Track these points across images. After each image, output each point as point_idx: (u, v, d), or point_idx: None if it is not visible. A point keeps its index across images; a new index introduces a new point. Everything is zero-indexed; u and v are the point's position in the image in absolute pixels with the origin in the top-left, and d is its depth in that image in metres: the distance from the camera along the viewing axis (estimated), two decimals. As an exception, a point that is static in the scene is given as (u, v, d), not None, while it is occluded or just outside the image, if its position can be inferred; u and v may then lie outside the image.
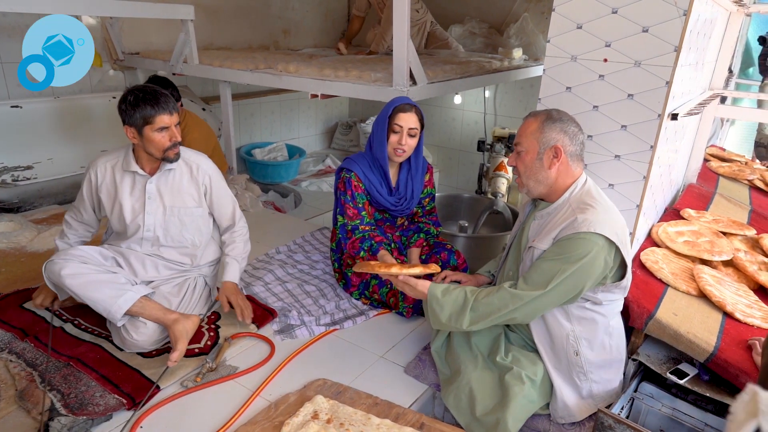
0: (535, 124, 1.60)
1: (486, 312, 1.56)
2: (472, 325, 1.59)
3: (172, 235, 2.01)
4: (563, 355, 1.60)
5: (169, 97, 1.85)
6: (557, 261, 1.50)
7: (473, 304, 1.58)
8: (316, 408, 1.64)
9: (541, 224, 1.64)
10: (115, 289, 1.78)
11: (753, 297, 1.92)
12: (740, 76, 5.32)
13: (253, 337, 2.04)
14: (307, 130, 5.34)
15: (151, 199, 1.95)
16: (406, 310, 2.17)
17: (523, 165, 1.63)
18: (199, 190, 2.02)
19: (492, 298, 1.56)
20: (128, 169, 1.93)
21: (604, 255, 1.49)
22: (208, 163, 2.06)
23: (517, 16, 4.39)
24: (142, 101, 1.79)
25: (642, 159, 1.83)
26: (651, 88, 1.75)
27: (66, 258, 1.81)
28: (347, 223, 2.19)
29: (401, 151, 2.15)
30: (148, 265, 1.99)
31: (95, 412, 1.55)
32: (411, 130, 2.13)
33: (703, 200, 2.76)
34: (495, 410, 1.54)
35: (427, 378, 1.85)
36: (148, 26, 3.71)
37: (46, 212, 3.02)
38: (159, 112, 1.80)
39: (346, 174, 2.21)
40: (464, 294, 1.61)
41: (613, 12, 1.76)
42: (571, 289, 1.51)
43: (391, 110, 2.12)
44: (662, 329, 1.69)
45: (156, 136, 1.83)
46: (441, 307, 1.61)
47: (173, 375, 1.77)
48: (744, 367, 1.55)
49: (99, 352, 1.83)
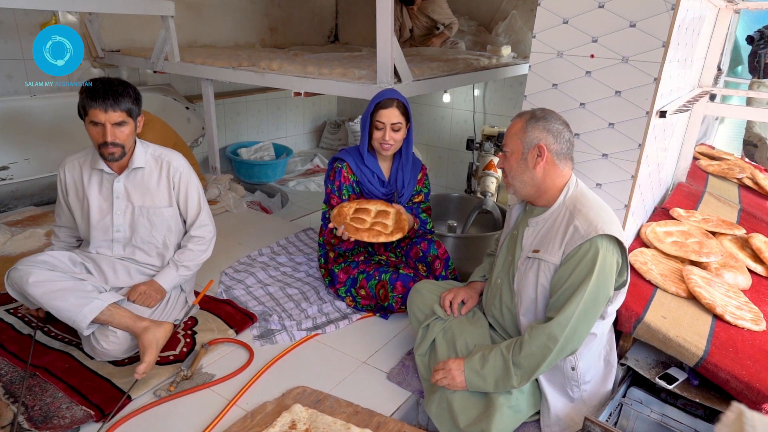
0: (519, 124, 1.56)
1: (533, 364, 1.46)
2: (524, 381, 1.48)
3: (142, 236, 1.94)
4: (558, 371, 1.55)
5: (117, 94, 1.72)
6: (575, 275, 1.44)
7: (515, 362, 1.47)
8: (294, 418, 1.57)
9: (538, 231, 1.58)
10: (81, 297, 1.69)
11: (743, 298, 1.88)
12: (729, 74, 5.32)
13: (231, 343, 1.97)
14: (294, 129, 5.26)
15: (119, 199, 1.89)
16: (395, 300, 2.10)
17: (509, 166, 1.59)
18: (169, 188, 1.95)
19: (531, 348, 1.45)
20: (95, 167, 1.87)
21: (615, 254, 1.47)
22: (180, 160, 1.98)
23: (506, 14, 4.34)
24: (85, 92, 1.72)
25: (630, 158, 1.79)
26: (639, 85, 1.71)
27: (32, 264, 1.74)
28: (329, 211, 2.20)
29: (387, 146, 2.13)
30: (119, 271, 1.92)
31: (60, 425, 1.48)
32: (394, 125, 2.10)
33: (692, 199, 2.72)
34: (479, 421, 1.48)
35: (410, 385, 1.79)
36: (129, 23, 3.63)
37: (21, 214, 2.93)
38: (92, 106, 1.71)
39: (338, 164, 2.21)
40: (501, 355, 1.50)
41: (600, 6, 1.71)
42: (601, 299, 1.46)
43: (373, 107, 2.10)
44: (651, 333, 1.64)
45: (90, 129, 1.77)
46: (484, 380, 1.51)
47: (146, 384, 1.69)
48: (734, 372, 1.50)
49: (68, 361, 1.75)
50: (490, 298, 1.74)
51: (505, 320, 1.67)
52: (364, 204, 2.16)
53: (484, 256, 1.99)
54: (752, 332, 1.70)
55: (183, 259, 1.99)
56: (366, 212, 2.12)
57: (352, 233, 2.00)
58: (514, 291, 1.62)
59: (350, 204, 2.14)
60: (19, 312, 2.02)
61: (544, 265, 1.52)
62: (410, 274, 2.09)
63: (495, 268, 1.73)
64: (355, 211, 2.12)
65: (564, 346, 1.45)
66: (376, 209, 2.15)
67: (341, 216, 2.08)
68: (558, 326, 1.43)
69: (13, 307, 2.06)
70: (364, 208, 2.14)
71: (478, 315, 1.78)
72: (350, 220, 2.07)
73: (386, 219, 2.11)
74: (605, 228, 1.44)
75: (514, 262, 1.63)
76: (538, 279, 1.54)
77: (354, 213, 2.11)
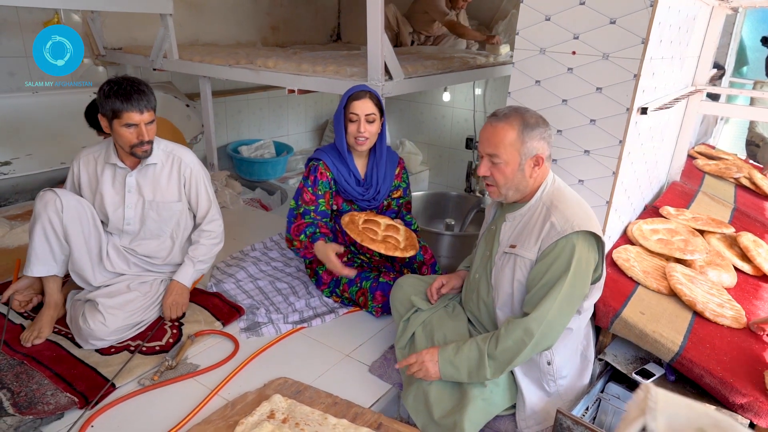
0: (513, 133, 1.49)
1: (508, 358, 1.46)
2: (498, 374, 1.49)
3: (151, 229, 2.00)
4: (534, 366, 1.56)
5: (144, 94, 1.80)
6: (552, 272, 1.45)
7: (490, 354, 1.47)
8: (273, 407, 1.60)
9: (514, 227, 1.59)
10: (49, 254, 1.88)
11: (726, 296, 1.87)
12: (734, 74, 5.26)
13: (217, 335, 2.01)
14: (296, 127, 5.30)
15: (131, 193, 1.94)
16: (375, 309, 2.14)
17: (503, 177, 1.53)
18: (179, 184, 2.01)
19: (507, 343, 1.46)
20: (109, 162, 1.92)
21: (592, 250, 1.48)
22: (191, 156, 2.05)
23: (506, 13, 4.35)
24: (113, 94, 1.76)
25: (611, 154, 1.79)
26: (619, 81, 1.71)
27: (70, 201, 1.87)
28: (300, 206, 2.16)
29: (362, 139, 2.12)
30: (119, 258, 1.99)
31: (44, 411, 1.52)
32: (368, 116, 2.09)
33: (685, 198, 2.71)
34: (452, 413, 1.50)
35: (391, 377, 1.81)
36: (131, 21, 3.68)
37: (21, 208, 2.99)
38: (127, 109, 1.77)
39: (314, 162, 2.20)
40: (476, 347, 1.51)
41: (581, 3, 1.72)
42: (578, 295, 1.47)
43: (346, 100, 2.10)
44: (628, 328, 1.65)
45: (123, 131, 1.81)
46: (457, 369, 1.51)
47: (130, 373, 1.73)
48: (708, 367, 1.51)
49: (55, 350, 1.80)
50: (468, 293, 1.75)
51: (482, 314, 1.68)
52: (373, 216, 2.17)
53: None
54: (732, 329, 1.70)
55: (197, 255, 2.07)
56: (376, 224, 2.13)
57: (368, 243, 1.99)
58: (492, 285, 1.63)
59: (360, 214, 2.16)
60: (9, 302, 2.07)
61: (520, 261, 1.53)
62: (390, 282, 2.10)
63: (473, 263, 1.75)
64: (364, 222, 2.13)
65: (539, 341, 1.46)
66: (385, 223, 2.16)
67: (353, 224, 2.08)
68: (534, 321, 1.44)
69: (6, 297, 2.11)
70: (373, 219, 2.15)
71: (458, 309, 1.80)
72: (362, 229, 2.07)
73: (397, 234, 2.12)
74: (581, 224, 1.45)
75: (491, 257, 1.64)
76: (514, 274, 1.55)
77: (363, 223, 2.12)
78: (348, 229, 2.05)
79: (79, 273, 1.93)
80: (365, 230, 2.07)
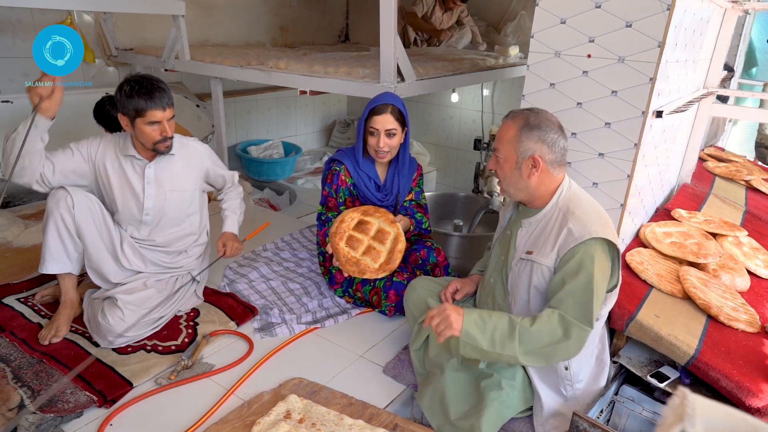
0: (512, 130, 1.51)
1: (536, 342, 1.41)
2: (524, 356, 1.42)
3: (171, 218, 2.03)
4: (552, 370, 1.56)
5: (165, 92, 1.83)
6: (573, 279, 1.43)
7: (522, 330, 1.41)
8: (289, 407, 1.61)
9: (530, 232, 1.58)
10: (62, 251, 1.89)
11: (740, 300, 1.87)
12: (743, 75, 5.24)
13: (232, 335, 2.02)
14: (304, 127, 5.32)
15: (150, 184, 1.96)
16: (388, 308, 2.15)
17: (502, 172, 1.57)
18: (194, 172, 2.06)
19: (542, 326, 1.41)
20: (127, 153, 1.94)
21: (609, 256, 1.48)
22: (197, 143, 2.12)
23: (515, 15, 4.34)
24: (136, 93, 1.78)
25: (626, 157, 1.80)
26: (635, 85, 1.71)
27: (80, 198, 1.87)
28: (325, 213, 2.24)
29: (382, 153, 2.14)
30: (135, 256, 2.01)
31: (64, 409, 1.54)
32: (388, 131, 2.10)
33: (696, 200, 2.71)
34: (469, 415, 1.50)
35: (405, 378, 1.82)
36: (142, 22, 3.70)
37: (35, 208, 3.02)
38: (151, 107, 1.79)
39: (336, 167, 2.22)
40: (508, 318, 1.45)
41: (597, 6, 1.72)
42: (599, 302, 1.46)
43: (367, 113, 2.11)
44: (643, 331, 1.65)
45: (147, 129, 1.83)
46: (482, 331, 1.43)
47: (147, 372, 1.75)
48: (724, 371, 1.51)
49: (74, 349, 1.82)
50: (483, 297, 1.76)
51: (497, 318, 1.69)
52: (369, 216, 2.09)
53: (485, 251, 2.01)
54: (746, 333, 1.70)
55: (233, 207, 2.20)
56: (366, 229, 2.06)
57: (341, 263, 1.99)
58: (507, 290, 1.64)
59: (353, 214, 2.07)
60: (30, 301, 2.09)
61: (537, 267, 1.53)
62: (404, 282, 2.11)
63: (488, 268, 1.75)
64: (356, 225, 2.06)
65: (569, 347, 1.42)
66: (378, 226, 2.07)
67: (340, 232, 2.03)
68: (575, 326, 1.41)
69: (24, 296, 2.13)
70: (367, 221, 2.07)
71: (472, 311, 1.80)
72: (347, 239, 2.02)
73: (382, 244, 2.04)
74: (598, 231, 1.44)
75: (507, 263, 1.65)
76: (531, 281, 1.55)
77: (355, 227, 2.06)
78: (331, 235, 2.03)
79: (96, 269, 1.95)
80: (349, 239, 2.02)
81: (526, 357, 1.43)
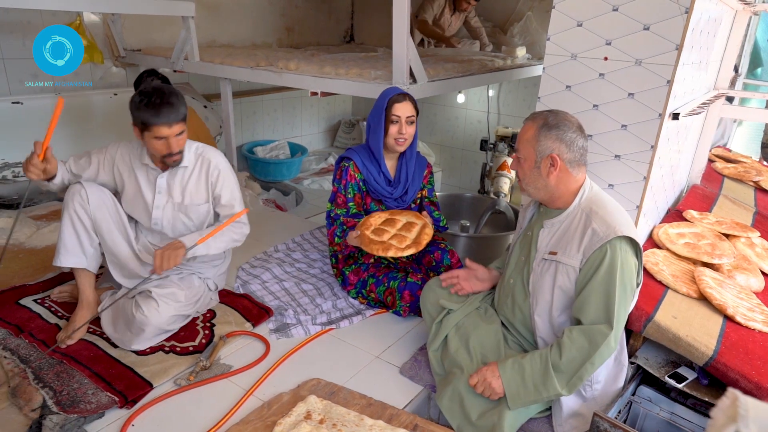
0: (532, 130, 1.55)
1: (574, 368, 1.46)
2: (568, 388, 1.48)
3: (181, 231, 2.02)
4: None
5: (174, 107, 1.78)
6: (601, 279, 1.45)
7: (555, 365, 1.47)
8: (309, 408, 1.62)
9: (552, 233, 1.60)
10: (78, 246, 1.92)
11: (755, 300, 1.88)
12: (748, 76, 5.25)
13: (248, 336, 2.03)
14: (310, 128, 5.32)
15: (160, 194, 1.97)
16: (403, 309, 2.16)
17: (522, 172, 1.61)
18: (207, 185, 2.01)
19: (571, 352, 1.45)
20: (142, 162, 1.95)
21: (632, 255, 1.49)
22: (219, 157, 2.05)
23: (521, 15, 4.35)
24: (144, 106, 1.76)
25: (642, 159, 1.81)
26: (652, 87, 1.72)
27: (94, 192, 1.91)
28: (334, 210, 2.25)
29: (402, 140, 2.18)
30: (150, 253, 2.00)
31: (87, 409, 1.54)
32: (409, 118, 2.16)
33: (706, 201, 2.72)
34: (491, 415, 1.51)
35: (422, 379, 1.83)
36: (150, 23, 3.71)
37: (45, 208, 3.02)
38: (156, 122, 1.77)
39: (345, 163, 2.25)
40: (538, 357, 1.50)
41: (614, 10, 1.73)
42: (630, 299, 1.49)
43: (387, 102, 2.14)
44: (661, 332, 1.66)
45: (154, 143, 1.82)
46: (522, 381, 1.49)
47: (166, 373, 1.76)
48: (743, 371, 1.52)
49: (93, 350, 1.82)
50: (502, 297, 1.77)
51: (516, 320, 1.70)
52: (396, 215, 2.18)
53: (496, 256, 2.02)
54: (763, 333, 1.71)
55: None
56: (393, 224, 2.13)
57: (365, 245, 2.02)
58: (528, 292, 1.65)
59: (380, 215, 2.16)
60: (46, 302, 2.10)
61: (562, 268, 1.54)
62: (418, 282, 2.12)
63: (507, 268, 1.76)
64: (384, 221, 2.14)
65: (604, 351, 1.45)
66: (405, 221, 2.16)
67: (367, 225, 2.10)
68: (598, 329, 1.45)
69: (41, 297, 2.14)
70: (394, 219, 2.16)
71: (490, 312, 1.81)
72: (372, 231, 2.08)
73: (408, 232, 2.10)
74: (623, 230, 1.47)
75: (528, 263, 1.66)
76: (555, 281, 1.56)
77: (382, 223, 2.13)
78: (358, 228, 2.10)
79: (116, 263, 1.96)
80: (375, 231, 2.08)
81: (570, 386, 1.48)
